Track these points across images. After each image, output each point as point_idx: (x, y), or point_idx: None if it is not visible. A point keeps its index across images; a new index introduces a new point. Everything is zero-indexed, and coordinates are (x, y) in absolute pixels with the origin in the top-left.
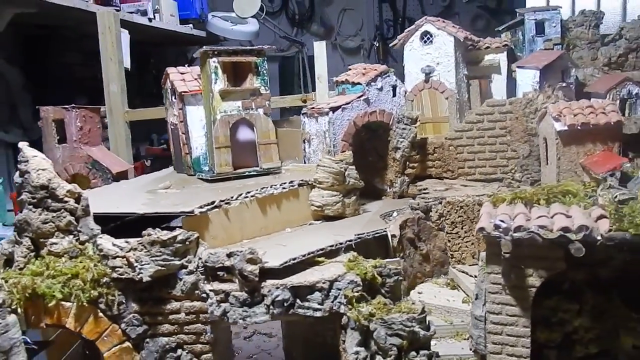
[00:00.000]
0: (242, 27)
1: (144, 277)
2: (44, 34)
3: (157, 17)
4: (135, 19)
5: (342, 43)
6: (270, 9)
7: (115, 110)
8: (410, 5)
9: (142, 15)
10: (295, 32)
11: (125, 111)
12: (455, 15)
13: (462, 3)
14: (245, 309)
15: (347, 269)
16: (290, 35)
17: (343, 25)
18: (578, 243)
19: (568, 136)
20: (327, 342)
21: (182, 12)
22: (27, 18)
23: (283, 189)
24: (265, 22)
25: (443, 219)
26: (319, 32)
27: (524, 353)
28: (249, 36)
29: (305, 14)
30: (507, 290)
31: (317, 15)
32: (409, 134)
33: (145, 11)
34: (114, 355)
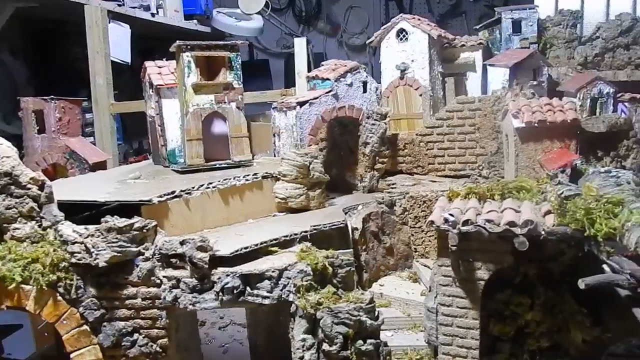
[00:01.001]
0: (246, 24)
1: (100, 262)
2: (48, 29)
3: (160, 13)
4: (137, 13)
5: (348, 41)
6: (277, 5)
7: (100, 102)
8: (417, 3)
9: (145, 10)
10: (301, 29)
11: (110, 104)
12: (462, 14)
13: (469, 2)
14: (195, 295)
15: (299, 259)
16: (296, 32)
17: (349, 23)
18: (522, 237)
19: (526, 133)
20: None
21: (186, 8)
22: (30, 12)
23: (246, 181)
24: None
25: (407, 213)
26: (325, 29)
27: (474, 345)
28: (254, 32)
29: (311, 11)
30: (457, 282)
31: (324, 12)
32: (378, 130)
33: (149, 6)
34: (72, 337)
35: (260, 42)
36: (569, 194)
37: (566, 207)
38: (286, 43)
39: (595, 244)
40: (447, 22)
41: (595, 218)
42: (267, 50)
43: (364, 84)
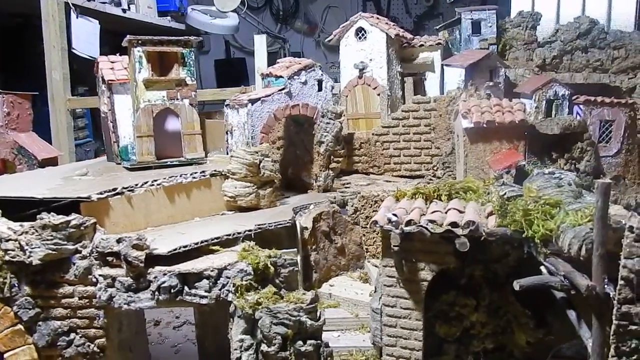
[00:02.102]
0: (221, 21)
1: (33, 260)
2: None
3: (133, 9)
4: (107, 9)
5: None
6: (254, 4)
7: (57, 97)
8: (395, 4)
9: (115, 5)
10: (278, 28)
11: (67, 99)
12: (439, 15)
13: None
14: (130, 294)
15: (240, 258)
16: (273, 31)
17: (327, 22)
18: (463, 238)
19: (475, 134)
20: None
21: (160, 5)
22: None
23: (193, 179)
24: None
25: (359, 213)
26: (303, 28)
27: (417, 346)
28: (229, 30)
29: (289, 10)
30: (401, 283)
31: (302, 11)
32: (333, 128)
33: (120, 2)
34: (5, 337)
35: (237, 40)
36: (510, 194)
37: (507, 208)
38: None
39: (533, 245)
40: (424, 24)
41: (533, 219)
42: (243, 49)
43: (319, 82)
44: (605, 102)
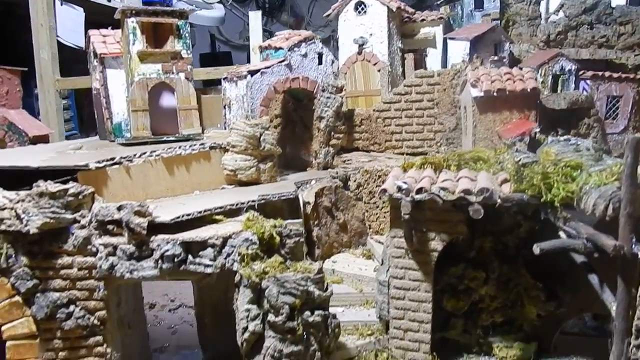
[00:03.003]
0: (207, 12)
1: (31, 229)
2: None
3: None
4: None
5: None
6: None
7: (45, 77)
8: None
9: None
10: (265, 20)
11: (55, 79)
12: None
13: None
14: (132, 262)
15: (245, 228)
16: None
17: (314, 15)
18: (477, 205)
19: (484, 103)
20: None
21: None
22: None
23: (192, 151)
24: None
25: (362, 188)
26: (289, 21)
27: (425, 318)
28: (214, 22)
29: (275, 3)
30: (410, 254)
31: (288, 4)
32: (334, 103)
33: None
34: (3, 310)
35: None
36: (526, 161)
37: (523, 174)
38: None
39: (552, 210)
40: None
41: (553, 182)
42: (229, 42)
43: (320, 56)
44: (613, 78)
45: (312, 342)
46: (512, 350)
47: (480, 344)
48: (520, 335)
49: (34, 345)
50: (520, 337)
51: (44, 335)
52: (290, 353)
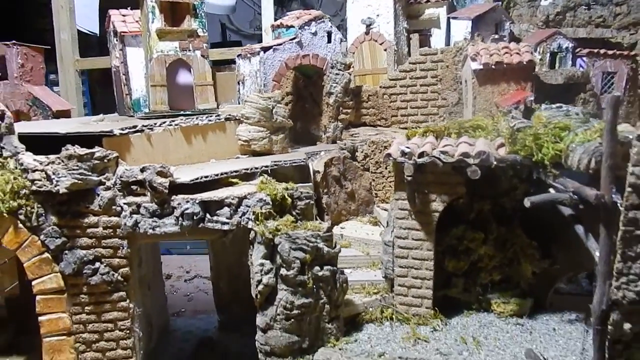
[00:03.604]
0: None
1: (60, 188)
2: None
3: None
4: None
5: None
6: None
7: (65, 58)
8: None
9: None
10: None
11: (75, 59)
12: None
13: None
14: (155, 219)
15: (259, 189)
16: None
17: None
18: (475, 166)
19: (483, 76)
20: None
21: None
22: None
23: (209, 121)
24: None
25: (368, 158)
26: None
27: (428, 275)
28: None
29: None
30: (413, 215)
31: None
32: (342, 80)
33: None
34: (33, 265)
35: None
36: (520, 126)
37: (517, 137)
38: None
39: (542, 169)
40: None
41: (543, 143)
42: (240, 32)
43: (329, 34)
44: (608, 54)
45: (321, 295)
46: (509, 305)
47: (480, 300)
48: (517, 292)
49: (62, 299)
50: (517, 294)
51: (71, 291)
52: (301, 305)
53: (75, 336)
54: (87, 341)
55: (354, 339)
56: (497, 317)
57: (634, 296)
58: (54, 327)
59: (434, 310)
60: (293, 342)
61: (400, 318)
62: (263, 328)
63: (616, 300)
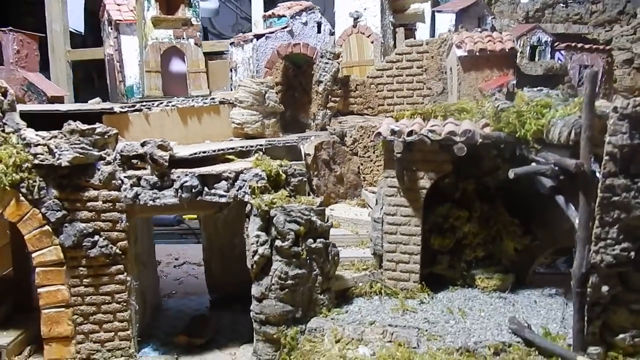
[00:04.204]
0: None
1: (62, 161)
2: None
3: None
4: None
5: None
6: None
7: (57, 49)
8: None
9: None
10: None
11: (67, 50)
12: None
13: None
14: (155, 191)
15: (254, 166)
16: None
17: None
18: (461, 144)
19: (468, 62)
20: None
21: None
22: None
23: (204, 104)
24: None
25: (357, 143)
26: None
27: (415, 250)
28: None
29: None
30: (401, 192)
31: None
32: (331, 68)
33: None
34: (34, 237)
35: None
36: (503, 106)
37: (501, 116)
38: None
39: (525, 144)
40: None
41: (526, 119)
42: (221, 36)
43: (319, 25)
44: (585, 48)
45: (314, 267)
46: (492, 281)
47: (464, 276)
48: (500, 267)
49: (61, 272)
50: (500, 270)
51: (70, 263)
52: (295, 275)
53: (73, 308)
54: (85, 313)
55: (344, 310)
56: (480, 292)
57: (611, 259)
58: (53, 299)
59: (421, 285)
60: (287, 312)
61: (389, 292)
62: (258, 297)
63: (594, 263)
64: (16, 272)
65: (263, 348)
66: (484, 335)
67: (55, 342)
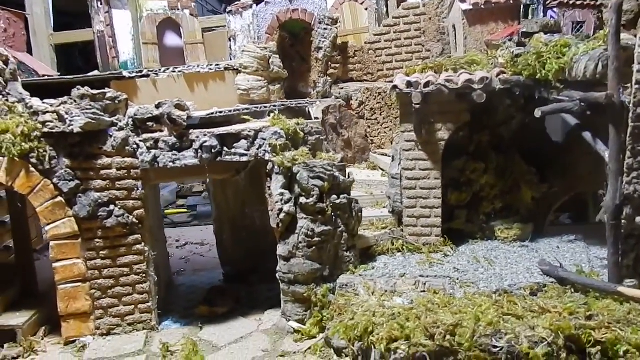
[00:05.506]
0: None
1: (74, 128)
2: None
3: None
4: None
5: None
6: None
7: (39, 32)
8: None
9: None
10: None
11: (49, 34)
12: None
13: None
14: (174, 152)
15: (272, 124)
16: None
17: None
18: (479, 90)
19: (473, 16)
20: (255, 224)
21: None
22: None
23: (209, 70)
24: None
25: (363, 106)
26: None
27: (436, 204)
28: None
29: None
30: (420, 146)
31: None
32: (330, 34)
33: None
34: (46, 210)
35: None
36: (519, 52)
37: (517, 61)
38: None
39: (546, 86)
40: None
41: (546, 60)
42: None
43: None
44: (577, 5)
45: (339, 224)
46: (512, 231)
47: (483, 229)
48: (518, 218)
49: (76, 244)
50: (518, 220)
51: (86, 235)
52: (321, 232)
53: (90, 282)
54: (103, 287)
55: (370, 267)
56: (501, 243)
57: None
58: (69, 273)
59: (443, 238)
60: (315, 270)
61: (411, 248)
62: (286, 257)
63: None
64: (18, 257)
65: (293, 308)
66: (516, 278)
67: (73, 319)
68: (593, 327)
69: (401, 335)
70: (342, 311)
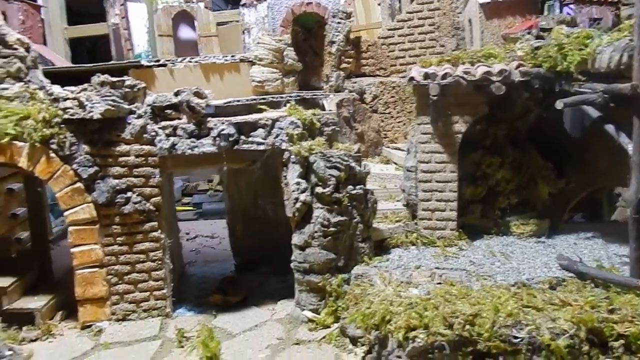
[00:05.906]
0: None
1: (94, 114)
2: None
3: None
4: None
5: None
6: None
7: (54, 26)
8: None
9: None
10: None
11: (64, 27)
12: None
13: None
14: (192, 140)
15: (288, 114)
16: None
17: None
18: (498, 83)
19: (490, 10)
20: (267, 215)
21: None
22: None
23: (225, 61)
24: None
25: (377, 99)
26: None
27: (452, 197)
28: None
29: None
30: (436, 138)
31: None
32: (344, 28)
33: None
34: (66, 195)
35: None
36: (539, 44)
37: (537, 54)
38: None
39: (566, 79)
40: None
41: (567, 52)
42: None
43: None
44: (593, 1)
45: (354, 215)
46: (528, 226)
47: (498, 224)
48: (534, 213)
49: (94, 230)
50: (534, 215)
51: (104, 221)
52: (337, 222)
53: (107, 268)
54: (120, 273)
55: (385, 259)
56: (517, 238)
57: None
58: (87, 259)
59: (458, 232)
60: (330, 260)
61: (426, 241)
62: (301, 246)
63: None
64: (34, 244)
65: (307, 298)
66: (534, 272)
67: (89, 304)
68: (616, 321)
69: (419, 324)
70: (358, 300)
